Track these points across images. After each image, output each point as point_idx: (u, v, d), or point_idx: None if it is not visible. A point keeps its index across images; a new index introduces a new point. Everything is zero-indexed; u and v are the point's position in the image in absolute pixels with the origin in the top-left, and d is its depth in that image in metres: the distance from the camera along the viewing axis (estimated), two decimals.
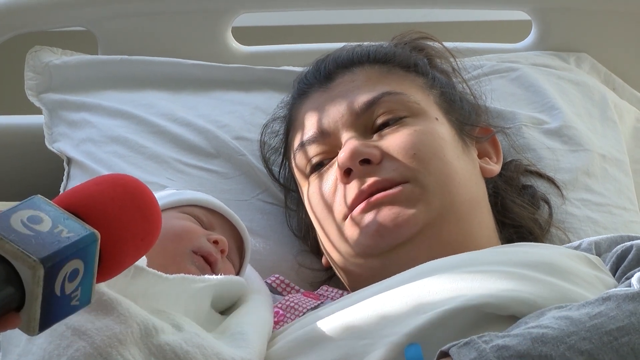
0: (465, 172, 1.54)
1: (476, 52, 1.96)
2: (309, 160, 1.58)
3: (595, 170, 1.79)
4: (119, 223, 1.05)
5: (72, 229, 1.01)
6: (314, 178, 1.58)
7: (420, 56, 1.69)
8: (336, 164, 1.52)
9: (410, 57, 1.65)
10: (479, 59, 1.94)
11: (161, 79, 1.94)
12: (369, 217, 1.47)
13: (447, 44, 1.78)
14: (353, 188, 1.50)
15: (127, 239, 1.06)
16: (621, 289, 1.19)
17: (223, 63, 1.97)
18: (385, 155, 1.50)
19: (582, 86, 1.94)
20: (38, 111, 1.93)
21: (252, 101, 1.90)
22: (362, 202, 1.48)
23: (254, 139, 1.81)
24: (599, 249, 1.48)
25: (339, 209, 1.52)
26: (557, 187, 1.74)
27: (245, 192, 1.77)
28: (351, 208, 1.50)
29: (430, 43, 1.75)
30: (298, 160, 1.60)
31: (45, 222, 1.00)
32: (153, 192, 1.13)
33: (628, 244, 1.43)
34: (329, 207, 1.53)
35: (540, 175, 1.75)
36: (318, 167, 1.58)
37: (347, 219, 1.50)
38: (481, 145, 1.64)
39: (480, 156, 1.63)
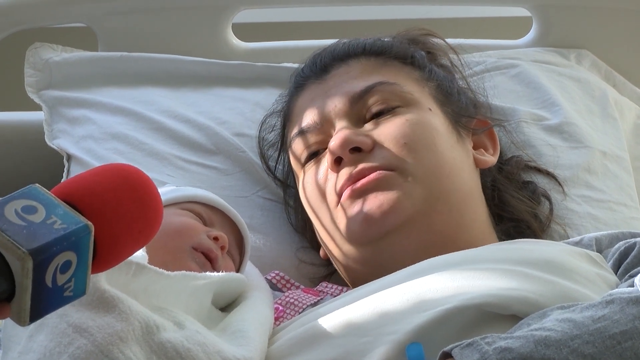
0: (457, 163, 1.54)
1: (477, 48, 1.96)
2: (304, 149, 1.59)
3: (595, 167, 1.79)
4: (116, 214, 1.04)
5: (66, 220, 1.00)
6: (308, 167, 1.58)
7: (418, 49, 1.69)
8: (327, 153, 1.53)
9: (407, 50, 1.66)
10: (479, 55, 1.94)
11: (161, 75, 1.94)
12: (356, 205, 1.48)
13: (448, 41, 1.78)
14: (343, 175, 1.50)
15: (124, 231, 1.05)
16: (625, 290, 1.19)
17: (223, 59, 1.97)
18: (376, 144, 1.51)
19: (582, 83, 1.94)
20: (38, 108, 1.93)
21: (252, 98, 1.90)
22: (348, 188, 1.49)
23: (254, 136, 1.81)
24: (600, 245, 1.48)
25: (331, 196, 1.52)
26: (558, 182, 1.74)
27: (245, 188, 1.77)
28: (340, 194, 1.50)
29: (434, 40, 1.76)
30: (294, 149, 1.61)
31: (39, 212, 1.00)
32: None
33: (631, 240, 1.43)
34: (322, 195, 1.54)
35: (541, 171, 1.75)
36: (313, 156, 1.58)
37: (338, 206, 1.51)
38: (478, 137, 1.64)
39: (476, 147, 1.63)
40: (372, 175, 1.48)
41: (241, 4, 2.00)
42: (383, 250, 1.47)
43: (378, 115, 1.55)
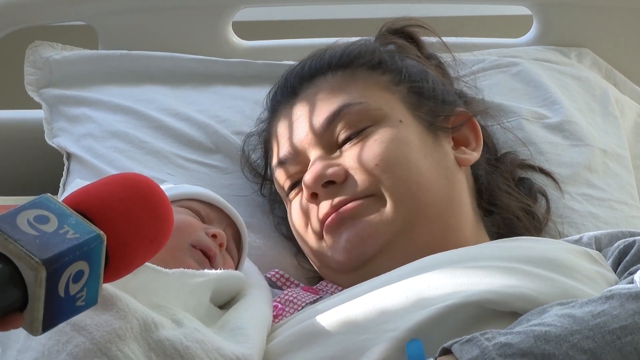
0: (434, 171, 1.52)
1: (477, 47, 1.96)
2: (285, 179, 1.59)
3: (596, 166, 1.79)
4: (127, 224, 1.05)
5: (78, 230, 1.01)
6: (292, 196, 1.58)
7: (390, 47, 1.68)
8: (303, 187, 1.53)
9: (374, 55, 1.63)
10: (480, 53, 1.94)
11: (161, 73, 1.94)
12: (336, 234, 1.49)
13: (448, 39, 1.77)
14: (324, 207, 1.50)
15: (136, 240, 1.06)
16: (624, 287, 1.19)
17: (223, 58, 1.97)
18: (348, 174, 1.51)
19: (583, 81, 1.93)
20: (38, 106, 1.93)
21: (252, 96, 1.90)
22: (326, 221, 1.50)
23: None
24: (600, 244, 1.48)
25: (314, 227, 1.53)
26: (554, 180, 1.73)
27: (245, 187, 1.77)
28: (321, 225, 1.51)
29: (426, 36, 1.75)
30: (277, 179, 1.62)
31: (52, 222, 1.01)
32: None
33: (630, 239, 1.43)
34: (306, 226, 1.55)
35: (534, 168, 1.74)
36: (296, 185, 1.58)
37: (323, 237, 1.51)
38: (459, 133, 1.62)
39: (457, 145, 1.60)
40: (349, 206, 1.48)
41: (241, 2, 2.00)
42: (369, 274, 1.45)
43: (348, 141, 1.54)
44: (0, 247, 0.99)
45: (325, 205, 1.50)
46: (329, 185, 1.50)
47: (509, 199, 1.64)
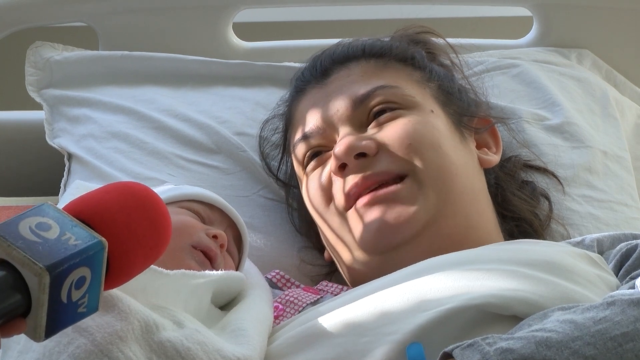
0: (462, 163, 1.54)
1: (477, 48, 1.96)
2: (306, 153, 1.59)
3: (596, 167, 1.79)
4: (128, 231, 1.06)
5: (80, 237, 1.02)
6: (311, 170, 1.58)
7: (418, 49, 1.69)
8: (332, 158, 1.52)
9: (407, 51, 1.65)
10: (480, 55, 1.94)
11: (162, 74, 1.94)
12: (372, 214, 1.48)
13: (449, 40, 1.78)
14: (351, 180, 1.50)
15: (136, 247, 1.07)
16: (626, 292, 1.19)
17: (224, 59, 1.97)
18: (380, 147, 1.51)
19: (583, 82, 1.94)
20: (39, 107, 1.93)
21: (252, 97, 1.90)
22: (362, 191, 1.49)
23: (254, 135, 1.81)
24: (601, 247, 1.48)
25: (339, 200, 1.52)
26: (557, 179, 1.74)
27: (246, 188, 1.77)
28: (350, 198, 1.50)
29: (434, 39, 1.75)
30: (296, 155, 1.61)
31: (53, 229, 1.02)
32: (152, 188, 1.13)
33: (633, 242, 1.43)
34: (328, 198, 1.54)
35: (538, 169, 1.74)
36: (314, 157, 1.58)
37: (351, 210, 1.50)
38: (480, 136, 1.64)
39: (479, 147, 1.63)
40: (392, 188, 1.48)
41: (242, 3, 2.00)
42: (394, 260, 1.46)
43: (380, 115, 1.55)
44: (4, 254, 1.00)
45: (352, 179, 1.50)
46: (360, 157, 1.50)
47: (521, 203, 1.64)
